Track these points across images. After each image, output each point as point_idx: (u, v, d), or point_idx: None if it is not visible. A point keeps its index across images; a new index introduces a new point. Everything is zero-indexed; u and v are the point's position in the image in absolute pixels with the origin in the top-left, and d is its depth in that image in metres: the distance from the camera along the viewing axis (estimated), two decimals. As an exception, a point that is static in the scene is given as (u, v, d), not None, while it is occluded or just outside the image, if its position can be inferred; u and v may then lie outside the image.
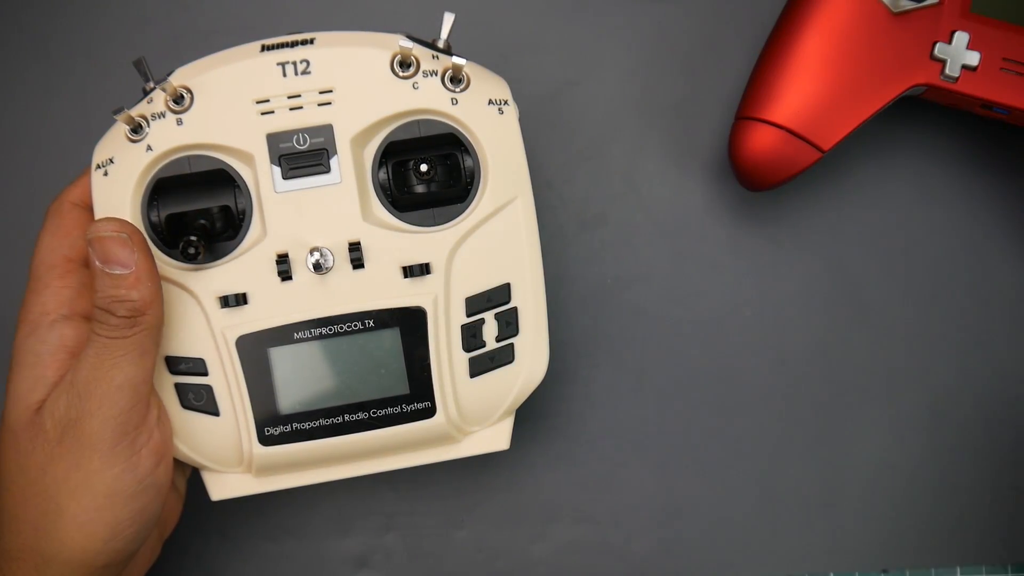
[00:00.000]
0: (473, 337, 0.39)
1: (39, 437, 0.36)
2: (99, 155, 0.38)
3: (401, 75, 0.38)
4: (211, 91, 0.38)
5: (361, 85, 0.38)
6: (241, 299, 0.38)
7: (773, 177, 0.42)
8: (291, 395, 0.38)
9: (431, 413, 0.38)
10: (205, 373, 0.38)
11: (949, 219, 0.46)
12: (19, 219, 0.45)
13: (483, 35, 0.46)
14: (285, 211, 0.38)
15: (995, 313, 0.45)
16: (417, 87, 0.38)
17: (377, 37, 0.39)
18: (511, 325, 0.39)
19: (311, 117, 0.38)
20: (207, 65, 0.38)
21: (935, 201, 0.46)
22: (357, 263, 0.38)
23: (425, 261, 0.38)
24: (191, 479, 0.42)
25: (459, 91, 0.38)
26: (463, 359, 0.39)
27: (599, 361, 0.46)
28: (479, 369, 0.39)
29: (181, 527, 0.42)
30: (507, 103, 0.39)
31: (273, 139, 0.38)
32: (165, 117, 0.38)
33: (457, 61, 0.37)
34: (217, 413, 0.38)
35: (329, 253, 0.38)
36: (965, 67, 0.41)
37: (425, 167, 0.38)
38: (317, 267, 0.38)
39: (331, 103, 0.38)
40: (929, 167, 0.46)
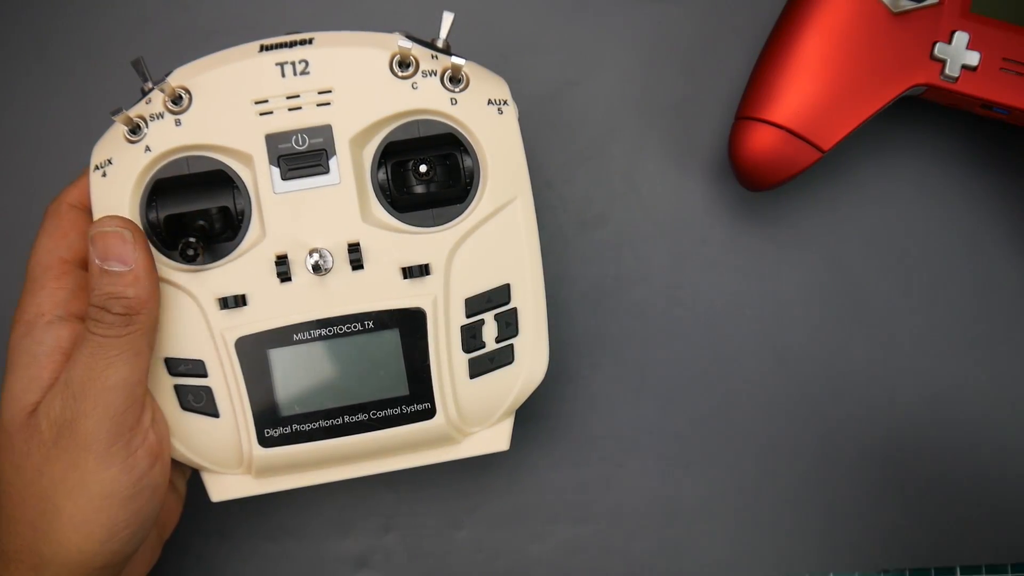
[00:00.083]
0: (473, 338, 0.39)
1: (35, 438, 0.36)
2: (97, 156, 0.38)
3: (400, 75, 0.38)
4: (209, 91, 0.38)
5: (360, 85, 0.38)
6: (240, 300, 0.38)
7: (773, 177, 0.42)
8: (291, 397, 0.38)
9: (431, 414, 0.38)
10: (205, 375, 0.38)
11: (949, 219, 0.46)
12: (19, 219, 0.45)
13: (483, 35, 0.46)
14: (284, 212, 0.38)
15: (995, 313, 0.45)
16: (416, 87, 0.38)
17: (376, 37, 0.38)
18: (511, 326, 0.39)
19: (310, 117, 0.38)
20: (205, 65, 0.38)
21: (935, 201, 0.46)
22: (356, 264, 0.38)
23: (424, 262, 0.38)
24: (191, 480, 0.42)
25: (458, 91, 0.38)
26: (463, 360, 0.39)
27: (599, 361, 0.46)
28: (479, 370, 0.39)
29: (181, 527, 0.42)
30: (506, 103, 0.39)
31: (272, 140, 0.38)
32: (163, 118, 0.38)
33: (456, 61, 0.37)
34: (217, 415, 0.38)
35: (328, 254, 0.38)
36: (965, 67, 0.41)
37: (424, 167, 0.38)
38: (316, 268, 0.37)
39: (330, 103, 0.38)
40: (929, 167, 0.46)
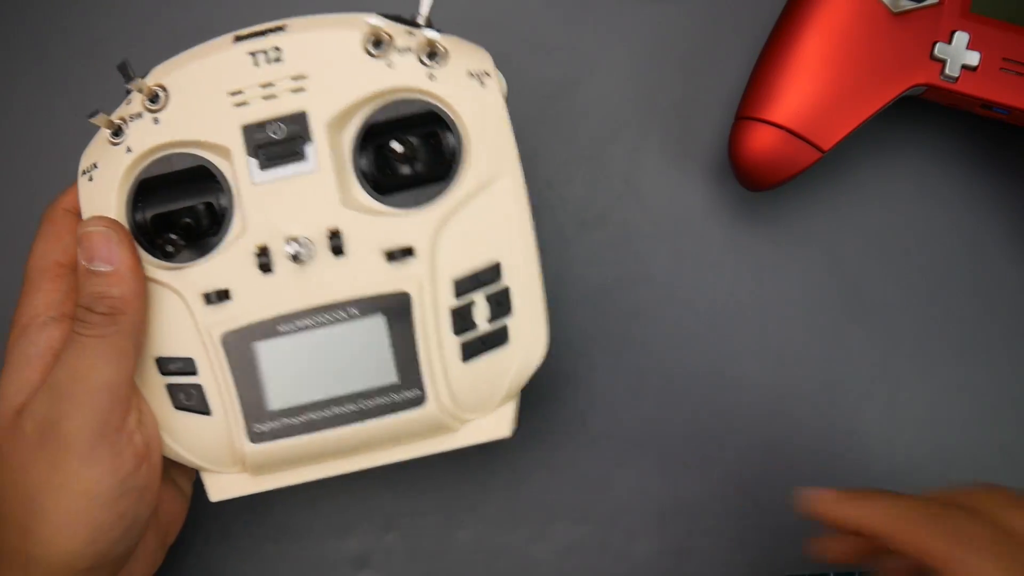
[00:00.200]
0: (463, 320, 0.37)
1: (20, 439, 0.36)
2: (85, 161, 0.38)
3: (374, 54, 0.37)
4: (185, 87, 0.37)
5: (334, 69, 0.37)
6: (224, 295, 0.37)
7: (773, 177, 0.42)
8: (279, 390, 0.37)
9: (422, 401, 0.37)
10: (195, 372, 0.38)
11: (949, 219, 0.46)
12: (21, 223, 0.45)
13: (483, 35, 0.46)
14: (263, 203, 0.37)
15: (995, 313, 0.45)
16: (392, 65, 0.37)
17: (348, 18, 0.37)
18: (503, 305, 0.37)
19: (285, 105, 0.37)
20: (181, 61, 0.37)
21: (935, 201, 0.46)
22: (337, 251, 0.37)
23: (407, 244, 0.37)
24: (195, 481, 0.42)
25: (436, 66, 0.37)
26: (454, 343, 0.37)
27: (599, 361, 0.46)
28: (471, 352, 0.37)
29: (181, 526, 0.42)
30: (488, 75, 0.37)
31: (248, 131, 0.37)
32: (142, 117, 0.37)
33: (430, 34, 0.36)
34: (209, 412, 0.38)
35: (308, 242, 0.37)
36: (965, 67, 0.41)
37: (399, 146, 0.37)
38: (295, 257, 0.36)
39: (305, 89, 0.37)
40: (929, 167, 0.46)
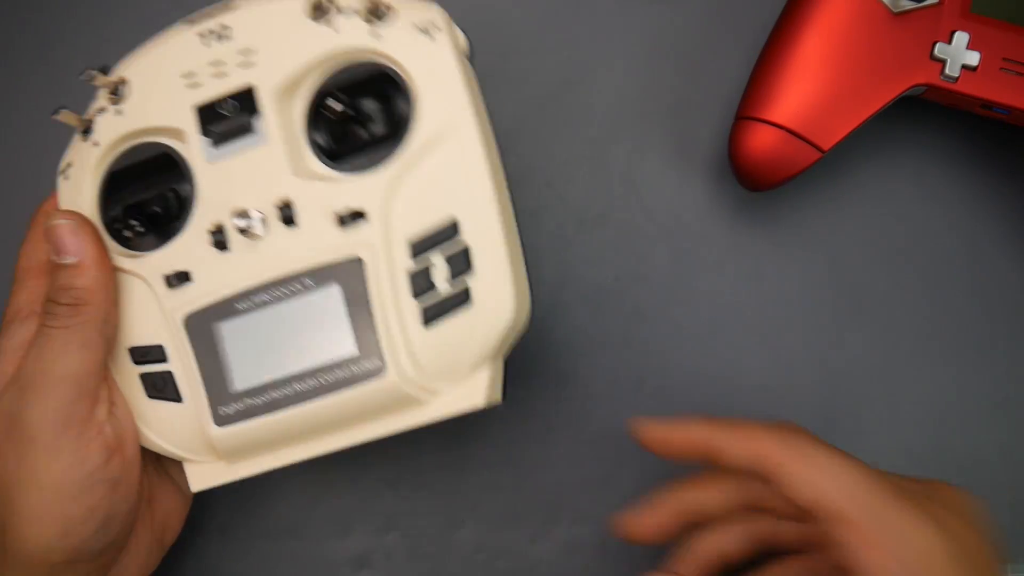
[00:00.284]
0: (422, 282, 0.36)
1: None
2: (63, 162, 0.39)
3: (318, 19, 0.36)
4: (143, 76, 0.38)
5: (279, 39, 0.37)
6: (183, 277, 0.37)
7: (773, 177, 0.42)
8: (241, 371, 0.36)
9: (381, 371, 0.35)
10: (165, 360, 0.37)
11: (949, 219, 0.46)
12: (17, 225, 0.45)
13: (483, 35, 0.46)
14: (217, 180, 0.37)
15: (995, 313, 0.45)
16: (337, 28, 0.36)
17: None
18: (463, 265, 0.35)
19: (235, 81, 0.37)
20: (140, 52, 0.38)
21: (935, 201, 0.46)
22: (289, 221, 0.36)
23: (358, 207, 0.36)
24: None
25: (382, 24, 0.36)
26: (413, 307, 0.36)
27: (599, 361, 0.46)
28: (433, 316, 0.36)
29: (181, 527, 0.42)
30: (439, 28, 0.36)
31: (201, 111, 0.37)
32: (107, 111, 0.38)
33: None
34: (180, 399, 0.37)
35: (257, 215, 0.36)
36: (965, 67, 0.41)
37: (337, 104, 0.36)
38: (244, 232, 0.36)
39: (253, 64, 0.37)
40: (929, 167, 0.46)
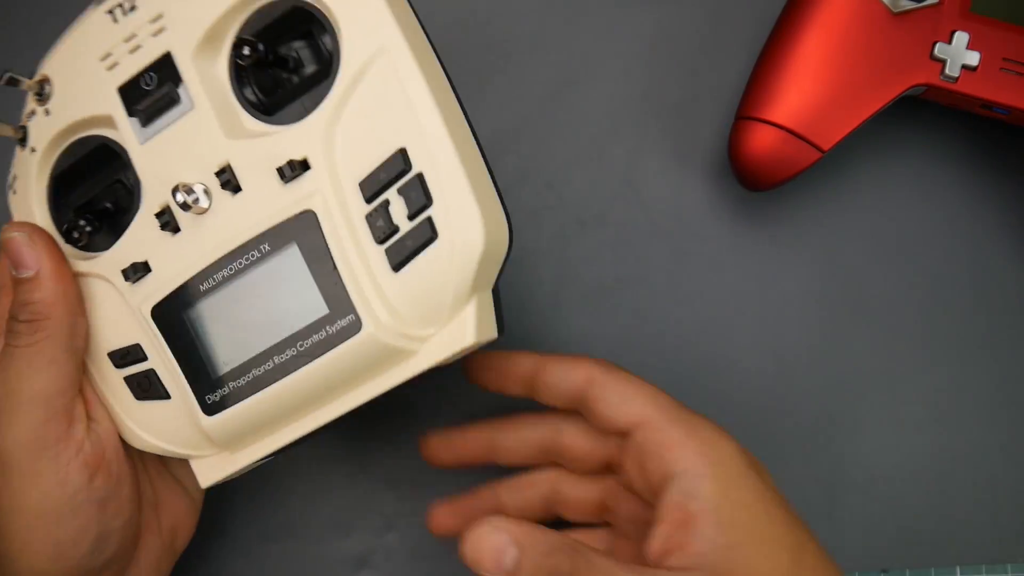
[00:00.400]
0: (382, 224, 0.33)
1: None
2: (10, 176, 0.37)
3: None
4: (63, 69, 0.36)
5: None
6: (142, 268, 0.35)
7: (773, 177, 0.42)
8: (218, 354, 0.35)
9: (358, 327, 0.33)
10: (145, 358, 0.36)
11: (949, 219, 0.46)
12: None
13: (483, 35, 0.46)
14: (154, 160, 0.35)
15: (995, 313, 0.45)
16: None
17: None
18: (421, 196, 0.32)
19: (150, 53, 0.35)
20: (57, 46, 0.37)
21: (935, 201, 0.46)
22: (233, 187, 0.34)
23: (299, 157, 0.33)
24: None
25: None
26: (378, 253, 0.33)
27: (599, 361, 0.46)
28: (401, 259, 0.33)
29: (181, 527, 0.42)
30: None
31: (124, 91, 0.35)
32: (36, 113, 0.36)
33: None
34: (168, 396, 0.36)
35: (200, 187, 0.34)
36: (965, 67, 0.41)
37: (247, 49, 0.34)
38: (188, 207, 0.34)
39: (165, 28, 0.35)
40: (929, 167, 0.46)
